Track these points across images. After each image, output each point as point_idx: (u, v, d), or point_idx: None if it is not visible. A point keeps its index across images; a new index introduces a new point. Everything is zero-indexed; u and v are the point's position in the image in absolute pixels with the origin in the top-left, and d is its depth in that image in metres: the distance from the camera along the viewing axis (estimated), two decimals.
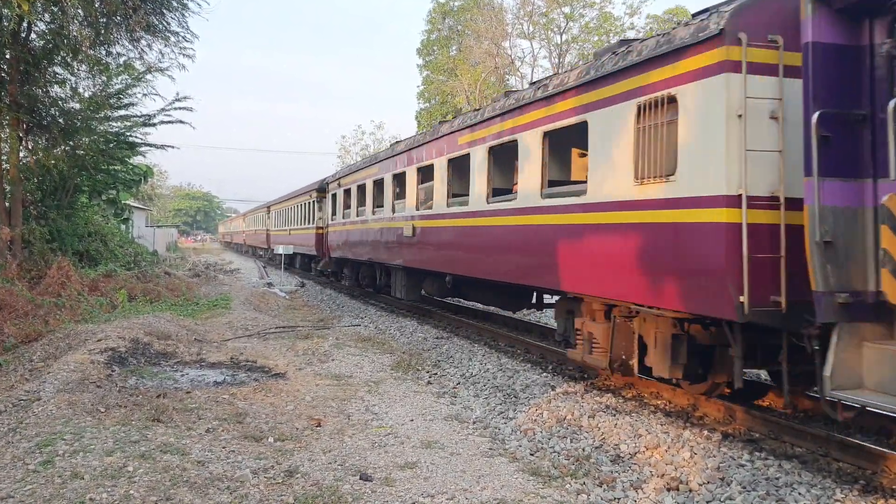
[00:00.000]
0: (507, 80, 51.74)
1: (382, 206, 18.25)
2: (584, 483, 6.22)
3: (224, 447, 6.78)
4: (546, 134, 9.89)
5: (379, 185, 18.68)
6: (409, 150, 16.13)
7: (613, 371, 8.74)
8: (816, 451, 6.72)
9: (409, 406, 8.83)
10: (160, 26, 19.51)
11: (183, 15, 20.09)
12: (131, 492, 5.48)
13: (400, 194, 16.94)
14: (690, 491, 5.98)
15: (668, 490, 6.00)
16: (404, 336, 15.00)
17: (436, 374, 11.11)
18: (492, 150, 11.75)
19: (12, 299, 14.31)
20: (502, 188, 12.05)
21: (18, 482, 5.58)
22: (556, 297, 11.85)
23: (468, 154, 12.65)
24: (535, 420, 8.25)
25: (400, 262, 16.69)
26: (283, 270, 35.79)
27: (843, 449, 6.53)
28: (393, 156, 17.56)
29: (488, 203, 11.78)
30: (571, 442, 7.40)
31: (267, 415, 8.09)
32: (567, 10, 46.71)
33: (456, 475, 6.26)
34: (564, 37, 47.81)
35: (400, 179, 16.90)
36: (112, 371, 9.63)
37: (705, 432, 7.36)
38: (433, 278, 15.70)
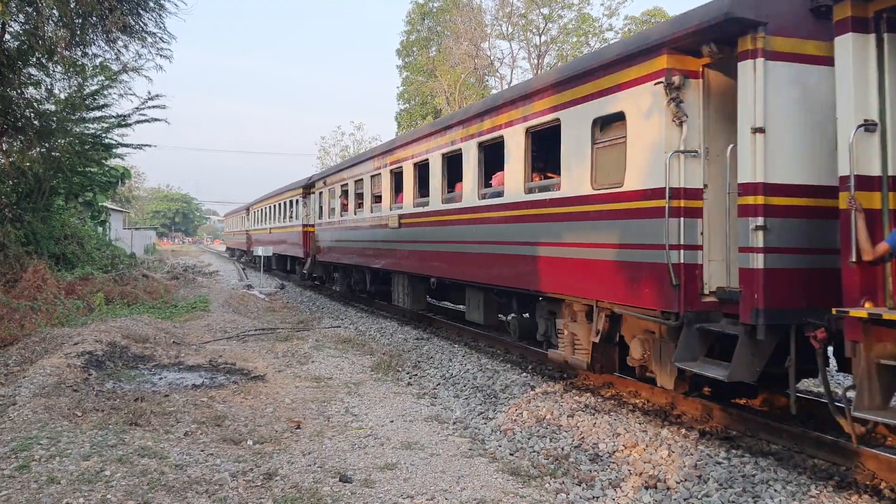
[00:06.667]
0: (487, 80, 51.88)
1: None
2: (563, 482, 6.25)
3: (202, 450, 6.74)
4: None
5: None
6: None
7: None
8: (792, 448, 6.80)
9: (389, 407, 8.83)
10: (137, 27, 19.31)
11: (160, 15, 19.88)
12: (108, 496, 5.44)
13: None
14: (668, 489, 6.03)
15: (646, 488, 6.05)
16: (384, 337, 15.00)
17: (416, 374, 11.12)
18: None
19: None
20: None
21: None
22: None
23: None
24: (515, 420, 8.29)
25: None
26: (262, 272, 35.61)
27: (819, 446, 6.62)
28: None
29: None
30: (551, 441, 7.44)
31: (246, 417, 8.06)
32: (546, 11, 46.90)
33: (436, 476, 6.27)
34: (543, 38, 48.01)
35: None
36: (89, 375, 9.54)
37: (683, 430, 7.43)
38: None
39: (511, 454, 7.13)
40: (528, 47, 49.22)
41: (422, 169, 14.47)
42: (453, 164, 13.09)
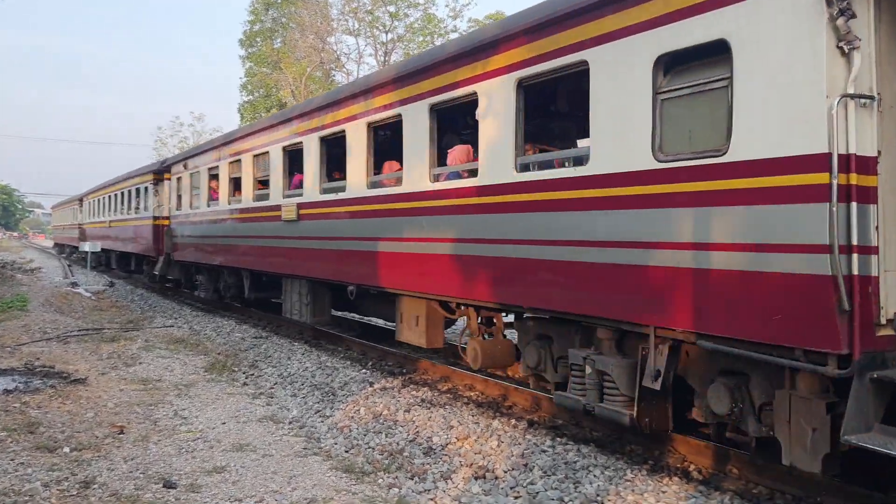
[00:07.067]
0: (334, 75, 51.41)
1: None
2: (397, 477, 6.31)
3: (12, 459, 6.27)
4: None
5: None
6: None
7: None
8: (612, 435, 7.20)
9: (221, 409, 8.56)
10: None
11: None
12: None
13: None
14: (496, 478, 6.23)
15: (476, 479, 6.21)
16: (221, 336, 14.54)
17: (252, 374, 10.85)
18: None
19: None
20: None
21: None
22: None
23: None
24: (352, 417, 8.28)
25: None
26: (88, 269, 33.55)
27: (636, 432, 7.02)
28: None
29: None
30: (386, 437, 7.49)
31: (63, 423, 7.56)
32: (392, 8, 47.07)
33: (267, 477, 6.15)
34: (390, 35, 48.16)
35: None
36: None
37: (513, 421, 7.69)
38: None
39: (346, 451, 7.11)
40: (374, 44, 49.20)
41: (332, 145, 11.85)
42: (382, 137, 10.73)
